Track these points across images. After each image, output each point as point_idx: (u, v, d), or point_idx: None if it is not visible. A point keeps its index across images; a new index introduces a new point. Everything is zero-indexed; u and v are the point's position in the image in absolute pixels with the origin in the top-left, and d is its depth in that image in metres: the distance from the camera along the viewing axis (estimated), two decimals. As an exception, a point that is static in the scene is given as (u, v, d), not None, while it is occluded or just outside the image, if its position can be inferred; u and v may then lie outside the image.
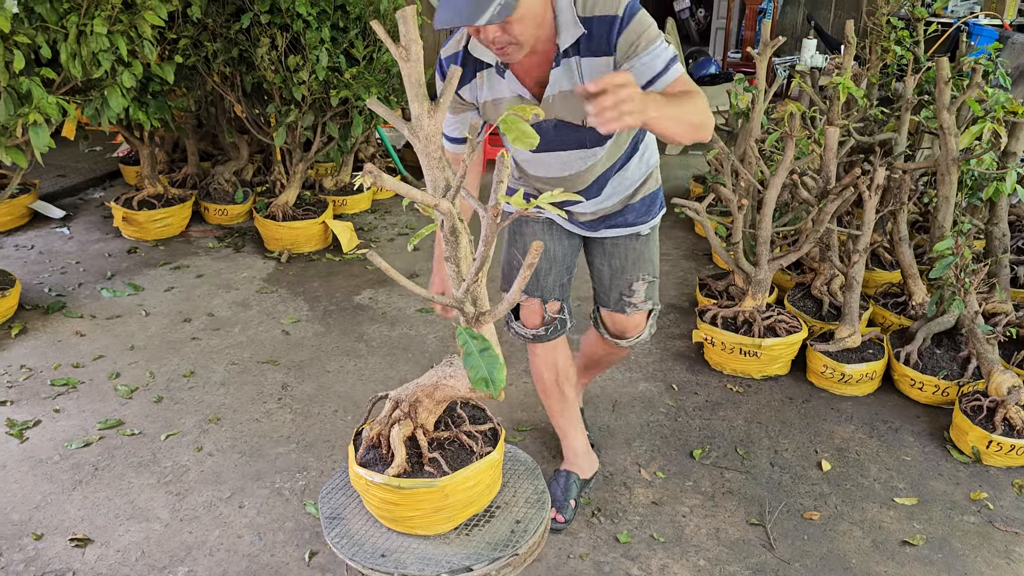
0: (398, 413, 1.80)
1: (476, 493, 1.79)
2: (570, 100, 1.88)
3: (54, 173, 5.45)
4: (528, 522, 1.80)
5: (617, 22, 1.76)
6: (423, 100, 1.37)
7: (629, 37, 1.76)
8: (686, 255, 4.48)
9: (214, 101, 4.74)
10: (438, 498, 1.72)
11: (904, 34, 4.28)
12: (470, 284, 1.42)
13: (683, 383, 3.16)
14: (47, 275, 4.07)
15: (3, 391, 3.02)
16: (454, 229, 1.41)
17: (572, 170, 2.07)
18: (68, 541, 2.29)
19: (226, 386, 3.10)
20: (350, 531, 1.81)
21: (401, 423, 1.78)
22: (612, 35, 1.77)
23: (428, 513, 1.75)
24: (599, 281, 2.37)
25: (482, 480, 1.78)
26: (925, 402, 3.02)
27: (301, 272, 4.16)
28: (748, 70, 8.04)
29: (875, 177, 3.00)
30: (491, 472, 1.82)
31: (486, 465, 1.78)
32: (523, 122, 1.36)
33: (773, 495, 2.53)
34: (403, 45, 1.34)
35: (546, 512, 1.85)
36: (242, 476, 2.58)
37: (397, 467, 1.73)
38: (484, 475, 1.78)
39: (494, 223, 1.32)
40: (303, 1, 3.88)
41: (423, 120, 1.38)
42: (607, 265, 2.32)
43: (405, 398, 1.80)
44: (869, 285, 3.73)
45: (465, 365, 1.37)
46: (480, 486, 1.78)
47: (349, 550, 1.75)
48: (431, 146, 1.40)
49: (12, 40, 2.92)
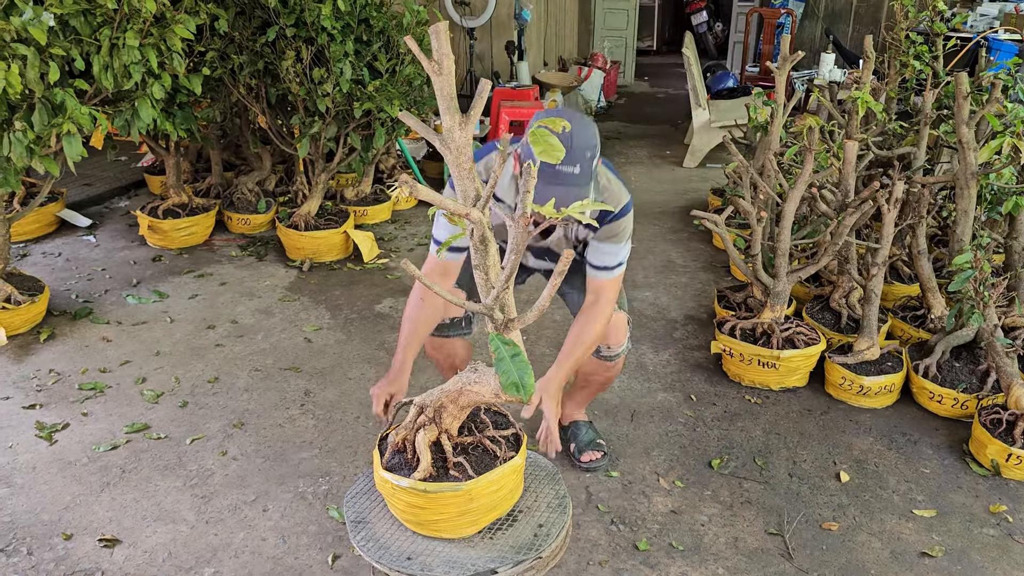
0: (423, 419, 1.84)
1: (500, 497, 1.82)
2: (562, 243, 2.37)
3: (81, 182, 5.55)
4: (551, 526, 1.83)
5: (611, 215, 2.23)
6: (455, 113, 1.41)
7: (611, 228, 2.24)
8: (704, 267, 4.50)
9: (239, 112, 4.83)
10: (463, 501, 1.75)
11: (923, 49, 4.30)
12: (500, 291, 1.46)
13: (701, 394, 3.18)
14: (74, 282, 4.14)
15: (33, 394, 3.09)
16: (484, 238, 1.45)
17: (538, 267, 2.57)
18: (97, 541, 2.34)
19: (250, 392, 3.15)
20: (376, 535, 1.85)
21: (426, 428, 1.82)
22: (604, 220, 2.23)
23: (453, 516, 1.78)
24: (569, 290, 2.57)
25: (506, 484, 1.81)
26: (944, 415, 3.02)
27: (323, 281, 4.21)
28: (766, 84, 8.07)
29: (894, 191, 3.02)
30: (514, 476, 1.85)
31: (510, 469, 1.81)
32: (551, 135, 1.40)
33: (792, 505, 2.54)
34: (435, 59, 1.38)
35: (567, 517, 1.87)
36: (266, 480, 2.62)
37: (423, 471, 1.77)
38: (508, 479, 1.81)
39: (524, 232, 1.35)
40: (328, 15, 3.95)
41: (454, 132, 1.43)
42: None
43: (430, 404, 1.84)
44: (888, 298, 3.74)
45: (497, 370, 1.41)
46: (504, 490, 1.82)
47: (375, 553, 1.79)
48: (462, 157, 1.44)
49: (48, 52, 3.00)
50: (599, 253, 2.26)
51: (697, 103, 6.57)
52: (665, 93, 10.63)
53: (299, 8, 4.00)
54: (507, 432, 1.93)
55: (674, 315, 3.89)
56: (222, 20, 3.94)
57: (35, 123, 3.03)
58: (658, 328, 3.75)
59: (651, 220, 5.31)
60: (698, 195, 5.87)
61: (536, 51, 8.22)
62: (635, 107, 9.60)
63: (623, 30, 10.70)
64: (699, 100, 6.55)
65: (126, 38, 3.20)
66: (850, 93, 3.61)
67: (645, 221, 5.28)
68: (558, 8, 9.08)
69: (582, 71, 8.57)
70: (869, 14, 9.95)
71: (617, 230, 2.25)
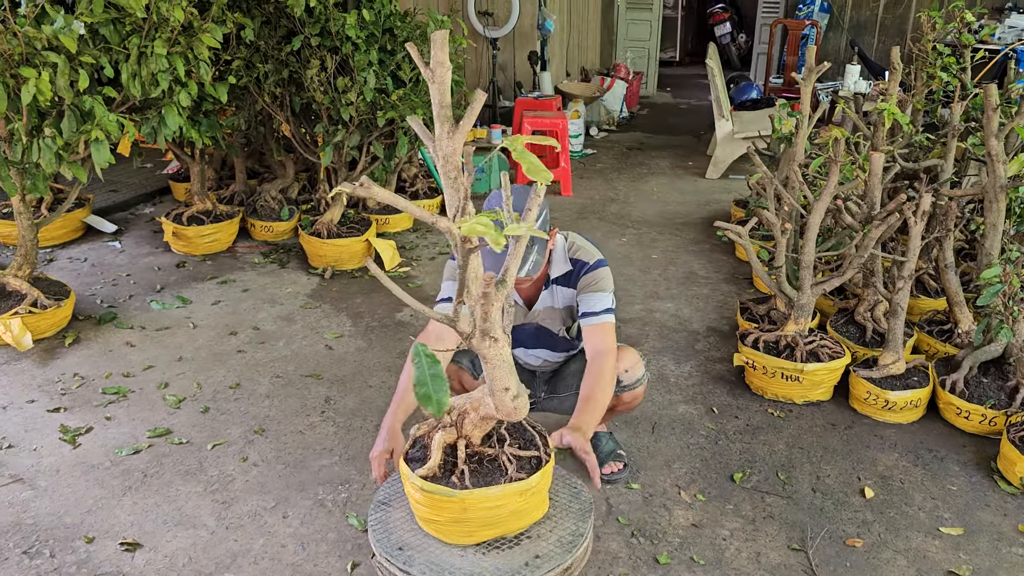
0: (447, 419, 1.85)
1: (500, 516, 1.81)
2: (550, 313, 2.53)
3: (107, 188, 5.62)
4: (545, 560, 1.81)
5: (586, 267, 2.42)
6: (445, 121, 1.42)
7: (590, 278, 2.40)
8: (726, 278, 4.47)
9: (263, 120, 4.87)
10: (457, 510, 1.77)
11: (950, 60, 4.26)
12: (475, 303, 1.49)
13: (723, 406, 3.16)
14: (99, 287, 4.18)
15: (57, 398, 3.12)
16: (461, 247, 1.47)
17: (539, 363, 2.71)
18: (118, 545, 2.35)
19: (271, 398, 3.16)
20: (388, 519, 1.91)
21: (446, 429, 1.83)
22: (580, 275, 2.42)
23: (448, 522, 1.80)
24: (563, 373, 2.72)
25: (507, 504, 1.80)
26: (971, 431, 2.97)
27: (344, 288, 4.23)
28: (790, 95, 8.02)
29: (921, 203, 2.98)
30: (518, 499, 1.82)
31: (513, 491, 1.79)
32: (534, 156, 1.42)
33: (815, 521, 2.51)
34: (432, 68, 1.39)
35: (570, 557, 1.85)
36: (286, 487, 2.63)
37: (428, 469, 1.79)
38: (510, 500, 1.80)
39: None
40: (352, 25, 3.98)
41: (443, 140, 1.43)
42: None
43: (456, 407, 1.85)
44: (913, 312, 3.69)
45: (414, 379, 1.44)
46: (504, 510, 1.80)
47: (379, 534, 1.85)
48: (448, 166, 1.45)
49: (78, 60, 3.04)
50: (586, 302, 2.39)
51: (720, 114, 6.55)
52: (688, 104, 10.61)
53: (324, 18, 4.04)
54: (529, 453, 1.91)
55: (696, 327, 3.87)
56: (248, 29, 3.98)
57: (64, 130, 3.07)
58: (680, 340, 3.72)
59: (673, 231, 5.28)
60: (720, 206, 5.84)
61: (559, 61, 8.24)
62: (657, 118, 9.58)
63: (646, 41, 10.69)
64: (722, 111, 6.53)
65: (154, 47, 3.24)
66: (876, 105, 3.59)
67: (667, 232, 5.26)
68: (581, 19, 9.10)
69: (604, 82, 8.58)
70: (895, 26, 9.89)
71: (596, 279, 2.40)
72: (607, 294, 2.39)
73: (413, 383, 1.49)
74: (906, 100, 4.18)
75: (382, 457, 2.07)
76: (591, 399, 2.19)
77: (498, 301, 1.54)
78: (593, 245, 2.49)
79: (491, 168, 5.91)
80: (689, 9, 14.03)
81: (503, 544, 1.86)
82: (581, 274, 2.42)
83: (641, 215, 5.66)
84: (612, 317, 2.37)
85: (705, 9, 13.85)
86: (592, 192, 6.23)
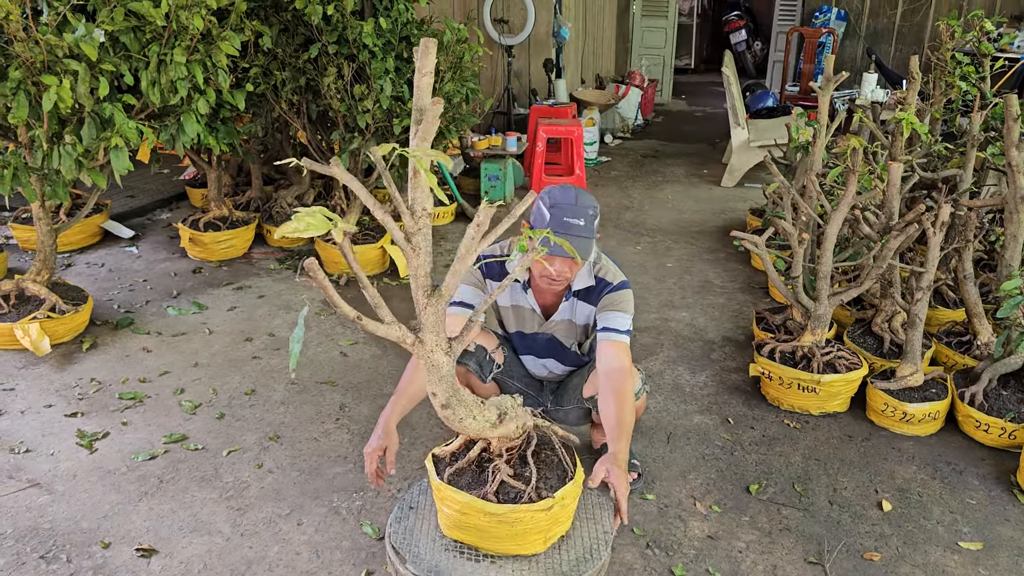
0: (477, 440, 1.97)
1: (499, 535, 1.95)
2: (567, 327, 2.56)
3: (124, 194, 5.66)
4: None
5: (610, 287, 2.44)
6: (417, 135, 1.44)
7: (611, 299, 2.42)
8: (742, 288, 4.45)
9: (279, 127, 4.89)
10: (457, 511, 1.94)
11: (969, 69, 4.23)
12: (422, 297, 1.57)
13: (739, 417, 3.14)
14: (116, 292, 4.21)
15: (74, 403, 3.13)
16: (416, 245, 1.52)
17: (545, 373, 2.75)
18: (134, 551, 2.36)
19: (286, 405, 3.17)
20: (411, 499, 2.12)
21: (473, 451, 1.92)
22: (602, 294, 2.43)
23: (450, 517, 1.97)
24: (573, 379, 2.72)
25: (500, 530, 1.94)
26: (991, 444, 2.94)
27: (359, 295, 4.23)
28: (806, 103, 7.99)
29: (940, 214, 2.96)
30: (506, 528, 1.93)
31: (507, 512, 1.90)
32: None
33: (832, 534, 2.49)
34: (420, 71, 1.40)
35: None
36: (301, 494, 2.63)
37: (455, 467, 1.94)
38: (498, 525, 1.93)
39: None
40: (369, 32, 4.00)
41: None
42: None
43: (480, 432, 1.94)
44: (932, 323, 3.66)
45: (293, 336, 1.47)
46: (500, 530, 1.93)
47: (397, 527, 2.03)
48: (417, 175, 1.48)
49: (98, 68, 3.06)
50: (607, 319, 2.40)
51: (736, 122, 6.53)
52: (703, 112, 10.59)
53: (342, 26, 4.06)
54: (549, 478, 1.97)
55: (711, 336, 3.85)
56: (266, 37, 4.00)
57: (84, 137, 3.10)
58: (695, 349, 3.71)
59: (688, 240, 5.27)
60: (736, 215, 5.82)
61: (574, 69, 8.24)
62: (672, 125, 9.56)
63: (661, 48, 10.69)
64: (738, 119, 6.51)
65: (174, 54, 3.26)
66: (895, 114, 3.57)
67: (682, 240, 5.24)
68: (596, 26, 9.10)
69: (619, 89, 8.57)
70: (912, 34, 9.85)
71: (619, 300, 2.42)
72: (628, 316, 2.40)
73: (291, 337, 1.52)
74: (924, 109, 4.15)
75: (375, 454, 2.13)
76: (622, 423, 2.16)
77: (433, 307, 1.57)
78: (617, 267, 2.51)
79: (505, 176, 5.92)
80: (704, 17, 14.02)
81: (495, 559, 1.93)
82: (604, 292, 2.44)
83: (656, 223, 5.64)
84: (629, 340, 2.38)
85: (720, 17, 13.83)
86: (607, 200, 6.22)
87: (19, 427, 2.96)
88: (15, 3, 2.85)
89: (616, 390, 2.22)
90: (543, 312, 2.58)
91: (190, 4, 3.26)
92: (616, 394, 2.21)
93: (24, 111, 2.95)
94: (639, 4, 10.46)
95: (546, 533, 1.93)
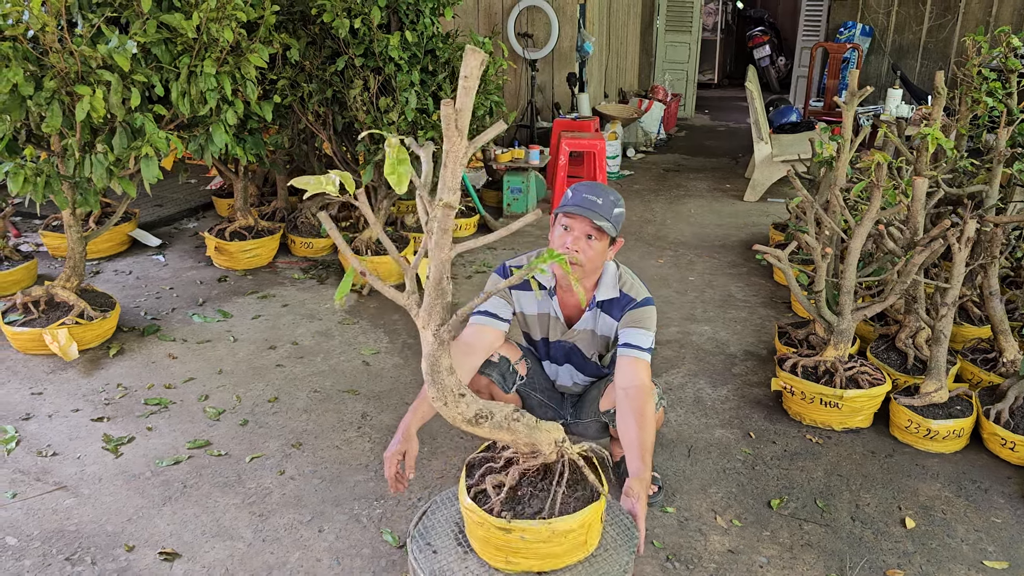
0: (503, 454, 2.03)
1: (508, 550, 1.94)
2: (588, 337, 2.56)
3: (152, 203, 5.75)
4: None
5: (634, 303, 2.44)
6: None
7: (634, 315, 2.42)
8: (764, 302, 4.43)
9: (306, 139, 4.95)
10: (474, 522, 1.96)
11: (996, 85, 4.20)
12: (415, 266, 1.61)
13: (760, 431, 3.12)
14: (143, 299, 4.27)
15: (101, 408, 3.18)
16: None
17: (568, 383, 2.75)
18: (157, 554, 2.39)
19: (308, 413, 3.19)
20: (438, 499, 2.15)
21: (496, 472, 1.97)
22: (625, 309, 2.44)
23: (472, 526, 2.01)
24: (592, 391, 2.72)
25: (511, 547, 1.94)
26: (1017, 463, 2.91)
27: (382, 305, 4.26)
28: (830, 119, 7.96)
29: (965, 229, 2.94)
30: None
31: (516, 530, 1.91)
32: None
33: (854, 550, 2.47)
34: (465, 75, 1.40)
35: None
36: (322, 501, 2.65)
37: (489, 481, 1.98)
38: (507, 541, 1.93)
39: None
40: (395, 46, 4.05)
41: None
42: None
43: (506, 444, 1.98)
44: (956, 340, 3.63)
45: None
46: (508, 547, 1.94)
47: (417, 541, 2.06)
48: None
49: (130, 79, 3.13)
50: (629, 335, 2.39)
51: (759, 137, 6.52)
52: (726, 126, 10.57)
53: (368, 39, 4.11)
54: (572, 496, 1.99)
55: (733, 350, 3.84)
56: (294, 50, 4.06)
57: (116, 146, 3.16)
58: (716, 363, 3.70)
59: (710, 254, 5.26)
60: (758, 229, 5.80)
61: (597, 83, 8.27)
62: (695, 140, 9.56)
63: (684, 63, 10.70)
64: (761, 134, 6.50)
65: (203, 66, 3.32)
66: (920, 129, 3.55)
67: (704, 254, 5.23)
68: (620, 41, 9.14)
69: (642, 103, 8.59)
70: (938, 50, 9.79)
71: (642, 316, 2.42)
72: (651, 334, 2.40)
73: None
74: (950, 125, 4.13)
75: (395, 458, 2.14)
76: (644, 444, 2.15)
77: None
78: (642, 283, 2.51)
79: (528, 188, 5.94)
80: (728, 32, 14.03)
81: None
82: (627, 308, 2.44)
83: (678, 237, 5.64)
84: (650, 358, 2.38)
85: (744, 32, 13.84)
86: (629, 213, 6.22)
87: (46, 431, 3.01)
88: (51, 15, 2.92)
89: (636, 409, 2.21)
90: (566, 320, 2.58)
91: (221, 17, 3.32)
92: (636, 414, 2.20)
93: (58, 120, 3.02)
94: (663, 19, 10.48)
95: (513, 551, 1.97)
